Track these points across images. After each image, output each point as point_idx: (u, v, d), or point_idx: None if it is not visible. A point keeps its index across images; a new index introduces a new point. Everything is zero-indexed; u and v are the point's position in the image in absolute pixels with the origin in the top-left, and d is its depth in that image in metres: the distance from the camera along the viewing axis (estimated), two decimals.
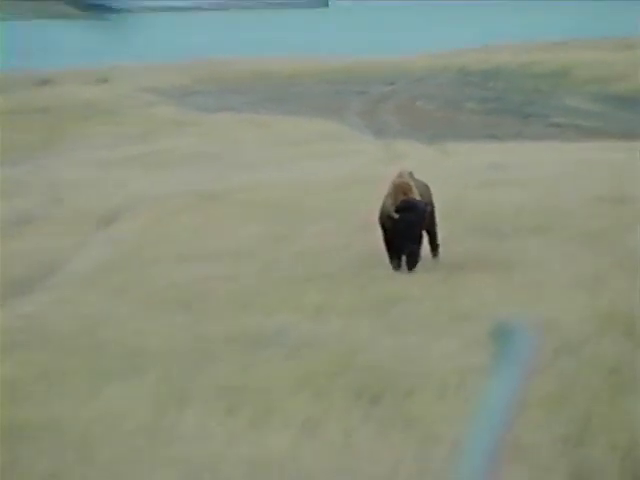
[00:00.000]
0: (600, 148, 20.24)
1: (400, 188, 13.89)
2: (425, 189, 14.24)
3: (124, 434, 9.42)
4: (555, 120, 24.19)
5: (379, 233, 13.92)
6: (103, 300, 12.75)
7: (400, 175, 14.14)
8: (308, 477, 8.63)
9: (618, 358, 10.45)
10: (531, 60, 30.91)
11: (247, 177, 18.56)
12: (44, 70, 33.93)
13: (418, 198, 13.84)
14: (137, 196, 17.05)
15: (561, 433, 8.96)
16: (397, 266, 13.74)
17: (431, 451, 8.84)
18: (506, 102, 26.01)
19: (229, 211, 16.17)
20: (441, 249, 14.15)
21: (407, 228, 13.60)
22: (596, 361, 10.25)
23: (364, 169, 18.18)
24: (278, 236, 14.89)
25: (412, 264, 13.71)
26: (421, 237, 13.82)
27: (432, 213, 14.06)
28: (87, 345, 11.34)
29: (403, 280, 13.20)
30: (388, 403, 9.93)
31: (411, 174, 14.22)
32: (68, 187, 17.86)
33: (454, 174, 17.56)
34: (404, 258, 13.77)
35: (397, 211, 13.54)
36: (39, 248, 14.91)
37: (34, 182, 17.15)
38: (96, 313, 12.28)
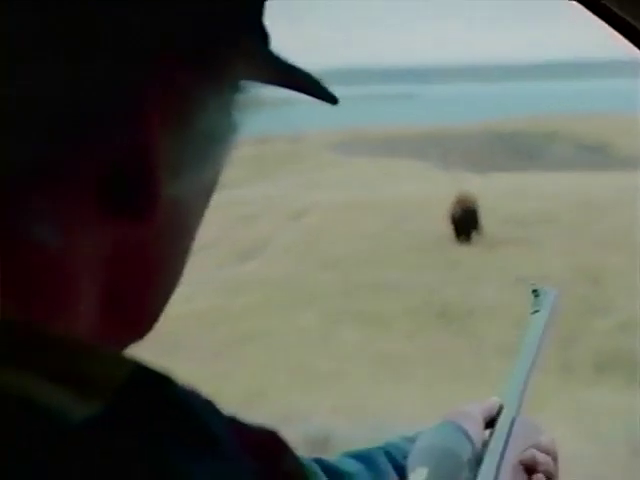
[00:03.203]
0: (579, 176, 19.82)
1: (461, 199, 14.03)
2: (474, 200, 14.22)
3: (305, 341, 9.46)
4: (555, 160, 23.74)
5: (448, 224, 13.93)
6: (292, 263, 12.81)
7: (460, 193, 14.33)
8: (410, 366, 8.59)
9: (586, 293, 10.27)
10: (538, 124, 30.21)
11: (372, 193, 18.49)
12: (262, 134, 34.25)
13: (470, 204, 13.90)
14: (314, 202, 17.10)
15: (553, 339, 8.81)
16: (461, 238, 13.68)
17: (483, 351, 8.74)
18: (524, 149, 25.50)
19: (363, 211, 16.13)
20: (484, 231, 14.04)
21: (466, 222, 13.65)
22: (573, 295, 10.06)
23: (438, 189, 17.96)
24: (389, 226, 14.81)
25: (467, 240, 13.74)
26: (474, 226, 13.92)
27: (478, 213, 14.01)
28: (290, 285, 11.38)
29: (462, 250, 13.12)
30: (456, 323, 9.86)
31: (467, 191, 14.40)
32: (275, 199, 17.98)
33: (494, 190, 17.29)
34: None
35: (461, 213, 13.73)
36: (256, 233, 15.06)
37: (254, 196, 17.29)
38: (287, 270, 12.34)
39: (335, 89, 0.49)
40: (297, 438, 5.94)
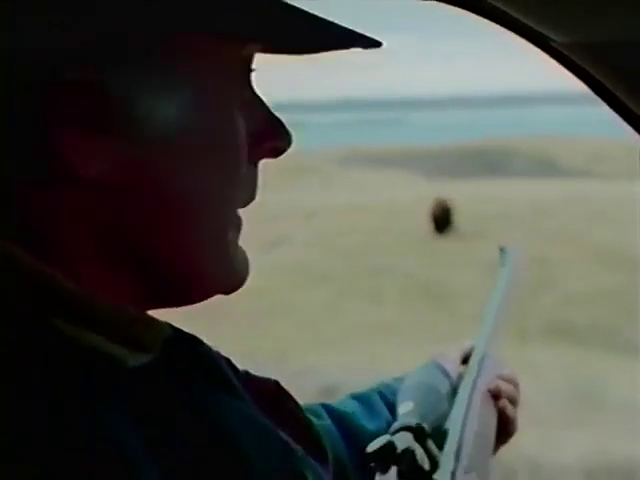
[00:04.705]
0: (534, 184, 19.69)
1: (438, 202, 13.86)
2: (448, 202, 13.99)
3: (318, 312, 9.41)
4: (515, 171, 23.68)
5: (429, 222, 13.74)
6: (307, 252, 12.69)
7: (437, 197, 14.08)
8: (401, 332, 8.56)
9: (539, 275, 10.12)
10: (502, 143, 29.96)
11: (369, 197, 18.32)
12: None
13: (447, 206, 13.75)
14: (324, 205, 16.98)
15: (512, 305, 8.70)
16: (439, 232, 13.48)
17: (458, 320, 8.70)
18: (490, 163, 25.37)
19: (363, 211, 15.97)
20: (458, 226, 13.83)
21: (443, 218, 13.50)
22: (528, 276, 9.88)
23: (421, 194, 17.77)
24: (383, 223, 14.61)
25: (444, 231, 13.49)
26: (449, 223, 13.75)
27: (452, 213, 13.83)
28: (306, 269, 11.33)
29: (441, 242, 12.99)
30: (437, 299, 9.80)
31: (442, 196, 14.11)
32: (293, 202, 17.92)
33: (466, 195, 17.12)
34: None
35: (439, 213, 13.57)
36: (279, 228, 14.98)
37: (276, 200, 17.23)
38: (303, 258, 12.24)
39: (340, 115, 0.49)
40: (312, 387, 5.95)
